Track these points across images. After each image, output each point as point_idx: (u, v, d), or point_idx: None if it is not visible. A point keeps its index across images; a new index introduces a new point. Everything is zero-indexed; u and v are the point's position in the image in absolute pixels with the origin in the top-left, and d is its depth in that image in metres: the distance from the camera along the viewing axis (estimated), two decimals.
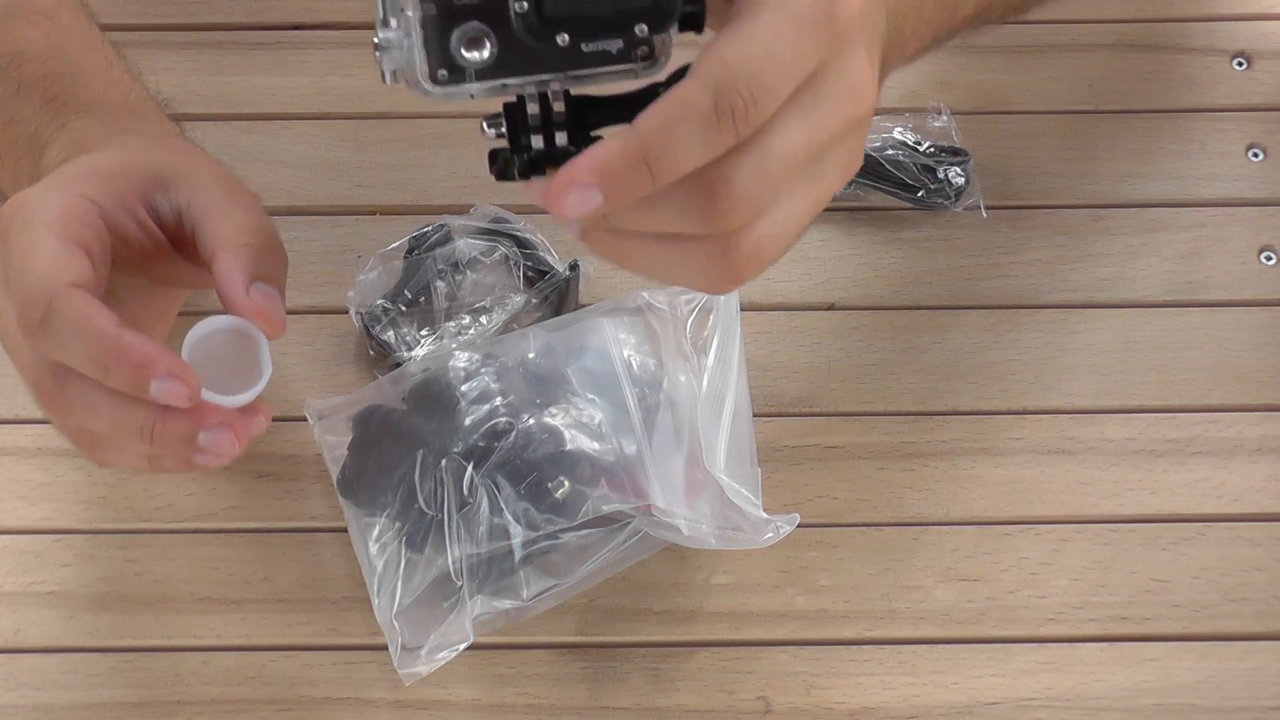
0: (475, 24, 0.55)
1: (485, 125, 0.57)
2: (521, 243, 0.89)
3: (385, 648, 0.79)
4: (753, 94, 0.54)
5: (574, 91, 0.57)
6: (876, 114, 0.94)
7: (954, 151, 0.92)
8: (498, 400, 0.81)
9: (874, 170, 0.91)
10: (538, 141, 0.57)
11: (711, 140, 0.54)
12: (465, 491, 0.79)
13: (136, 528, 0.84)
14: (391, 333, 0.87)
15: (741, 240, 0.57)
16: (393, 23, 0.56)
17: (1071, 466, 0.85)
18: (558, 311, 0.87)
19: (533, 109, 0.57)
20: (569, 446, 0.80)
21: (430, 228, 0.89)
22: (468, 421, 0.81)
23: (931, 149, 0.92)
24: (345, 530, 0.82)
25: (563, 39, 0.55)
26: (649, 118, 0.54)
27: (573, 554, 0.80)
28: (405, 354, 0.86)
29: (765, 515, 0.79)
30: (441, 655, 0.79)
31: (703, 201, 0.56)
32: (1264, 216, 0.93)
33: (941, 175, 0.91)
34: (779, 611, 0.82)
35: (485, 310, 0.87)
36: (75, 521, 0.84)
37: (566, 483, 0.79)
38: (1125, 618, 0.82)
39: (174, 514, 0.84)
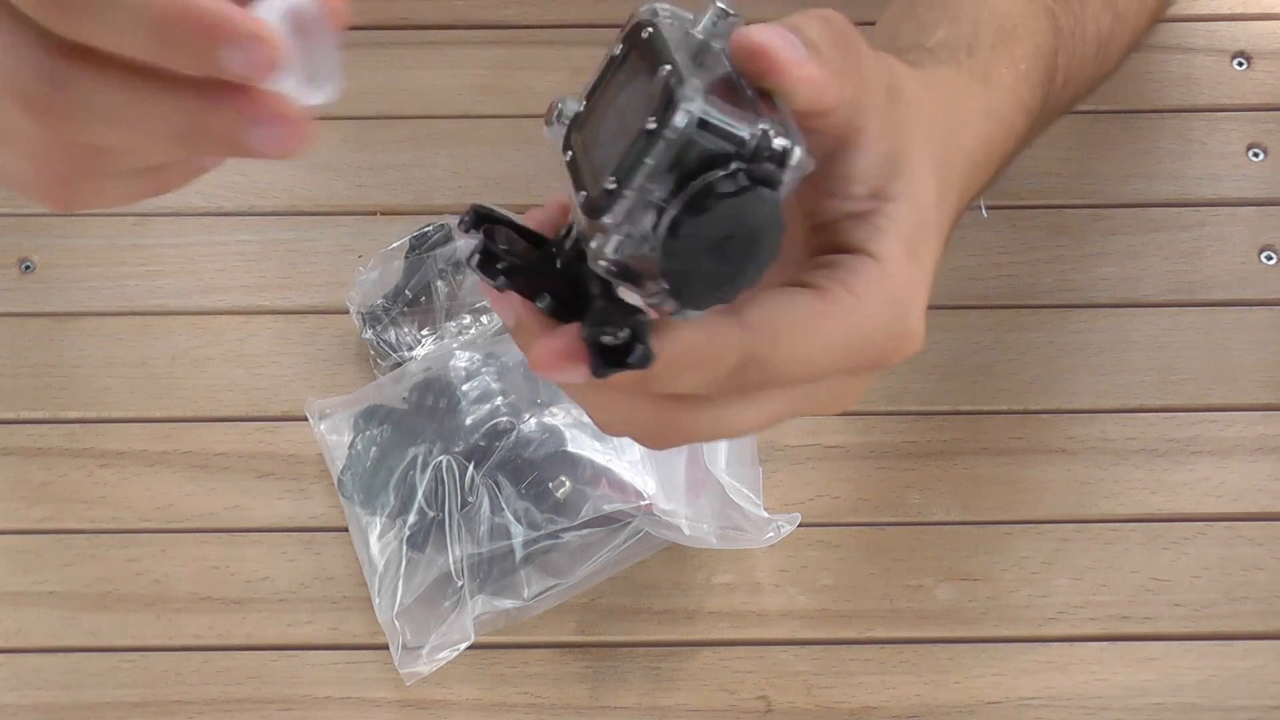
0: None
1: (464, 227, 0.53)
2: None
3: (386, 647, 0.79)
4: (772, 379, 0.51)
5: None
6: None
7: None
8: (498, 400, 0.81)
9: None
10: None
11: (707, 390, 0.51)
12: (466, 491, 0.79)
13: (136, 527, 0.84)
14: (392, 332, 0.87)
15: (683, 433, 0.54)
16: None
17: (1072, 466, 0.85)
18: None
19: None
20: (570, 446, 0.80)
21: (431, 227, 0.89)
22: (468, 421, 0.81)
23: None
24: (346, 530, 0.82)
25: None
26: (671, 346, 0.49)
27: (574, 553, 0.80)
28: (406, 354, 0.86)
29: (766, 515, 0.79)
30: (442, 655, 0.79)
31: (653, 430, 0.53)
32: (1264, 216, 0.93)
33: None
34: (780, 611, 0.82)
35: (486, 310, 0.87)
36: (75, 521, 0.84)
37: (567, 482, 0.80)
38: (1126, 617, 0.82)
39: (174, 514, 0.84)
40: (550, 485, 0.79)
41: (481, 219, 0.53)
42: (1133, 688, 0.80)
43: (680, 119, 0.47)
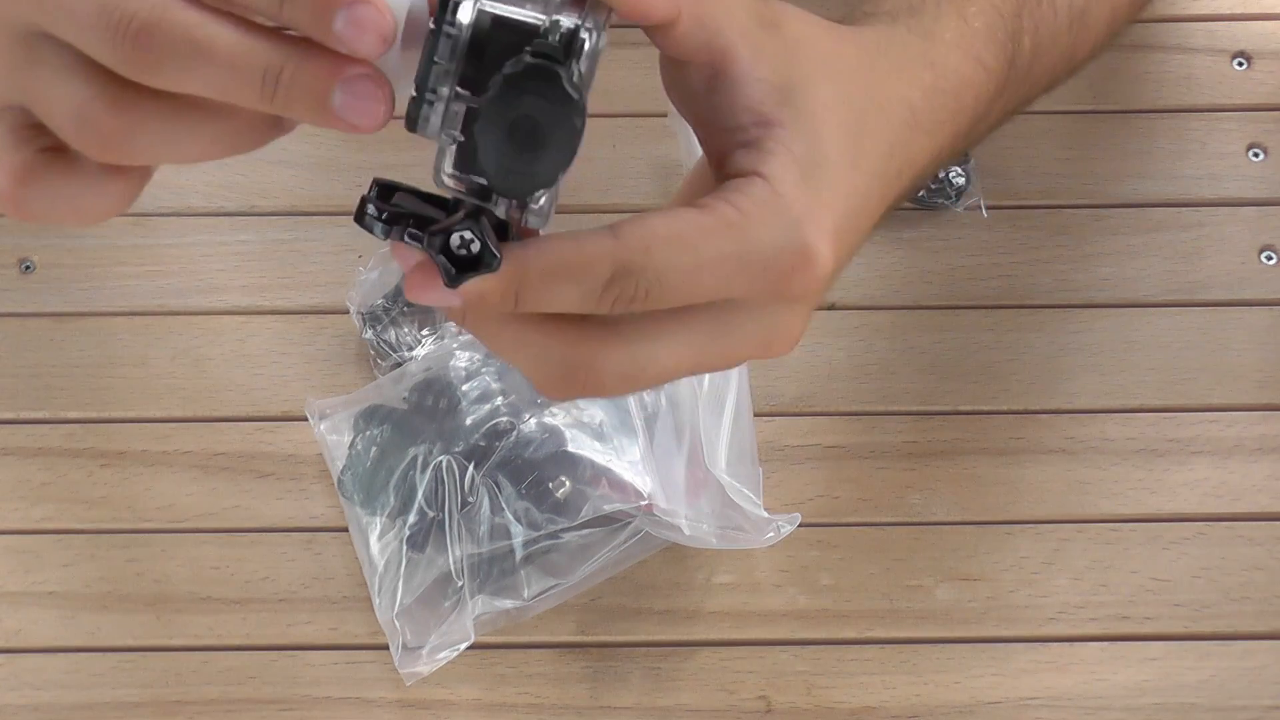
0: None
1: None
2: None
3: (386, 647, 0.79)
4: (652, 292, 0.50)
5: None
6: None
7: None
8: (499, 400, 0.81)
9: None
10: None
11: (588, 306, 0.50)
12: (466, 491, 0.79)
13: (137, 527, 0.84)
14: (392, 332, 0.87)
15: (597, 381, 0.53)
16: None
17: (1072, 466, 0.85)
18: None
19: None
20: (570, 446, 0.80)
21: None
22: (468, 421, 0.81)
23: None
24: (346, 530, 0.82)
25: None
26: (540, 256, 0.50)
27: (574, 553, 0.80)
28: (405, 354, 0.86)
29: (766, 515, 0.79)
30: (442, 655, 0.79)
31: (563, 368, 0.52)
32: (1264, 216, 0.93)
33: (942, 175, 0.91)
34: (780, 611, 0.82)
35: None
36: (76, 521, 0.84)
37: (567, 482, 0.80)
38: (1126, 617, 0.82)
39: (174, 514, 0.84)
40: (550, 485, 0.79)
41: (386, 189, 0.53)
42: (1133, 688, 0.80)
43: (463, 14, 0.48)
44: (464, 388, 0.82)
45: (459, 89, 0.48)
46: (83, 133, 0.48)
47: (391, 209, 0.51)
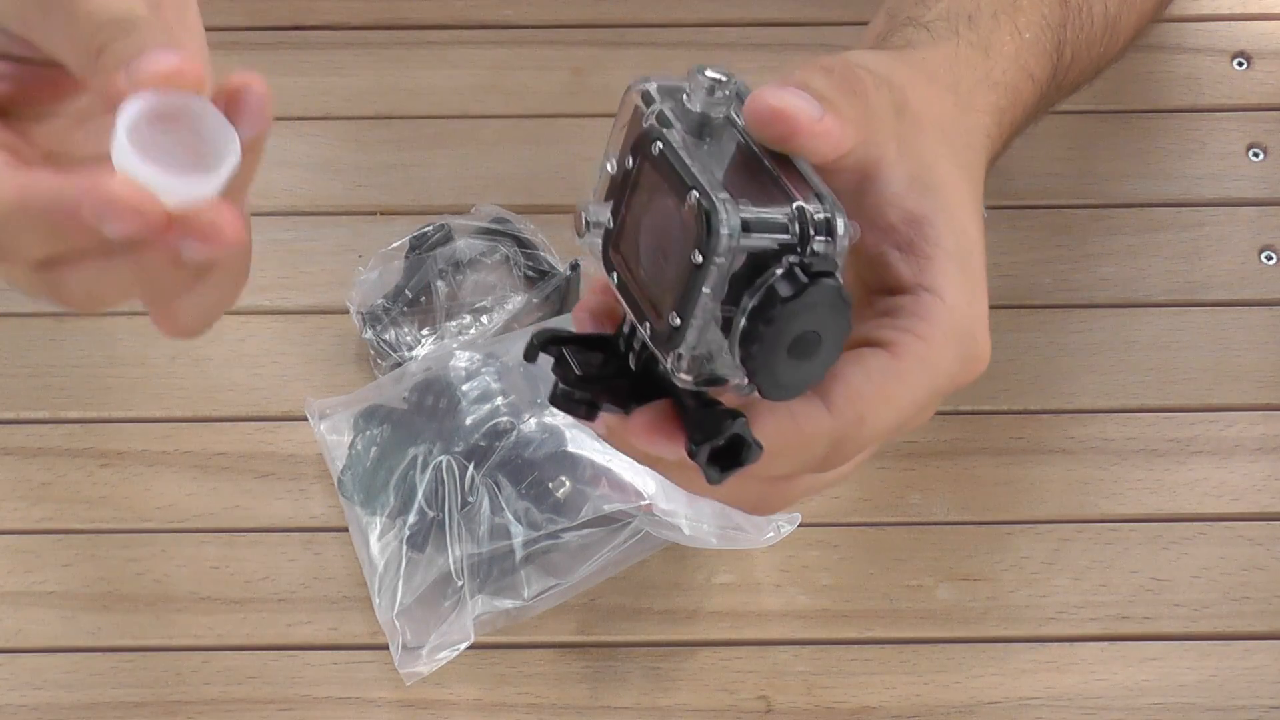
0: None
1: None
2: (522, 243, 0.89)
3: (386, 647, 0.79)
4: (864, 448, 0.54)
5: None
6: None
7: None
8: (498, 400, 0.81)
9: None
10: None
11: (803, 471, 0.54)
12: (466, 491, 0.79)
13: (137, 528, 0.84)
14: (392, 333, 0.87)
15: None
16: None
17: (1072, 466, 0.85)
18: (559, 311, 0.87)
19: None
20: (570, 446, 0.80)
21: (430, 227, 0.89)
22: (468, 421, 0.81)
23: None
24: (346, 530, 0.82)
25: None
26: (768, 442, 0.51)
27: (574, 553, 0.80)
28: (406, 354, 0.86)
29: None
30: (442, 655, 0.79)
31: (758, 501, 0.56)
32: (1264, 216, 0.93)
33: None
34: (780, 611, 0.82)
35: (486, 310, 0.87)
36: (76, 521, 0.84)
37: (567, 482, 0.80)
38: (1126, 617, 0.82)
39: (174, 514, 0.84)
40: (550, 485, 0.79)
41: (546, 343, 0.54)
42: (1133, 688, 0.80)
43: (723, 242, 0.48)
44: (464, 388, 0.82)
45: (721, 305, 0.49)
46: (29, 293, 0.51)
47: (583, 388, 0.53)
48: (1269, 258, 0.91)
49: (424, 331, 0.87)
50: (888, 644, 0.81)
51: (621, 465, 0.80)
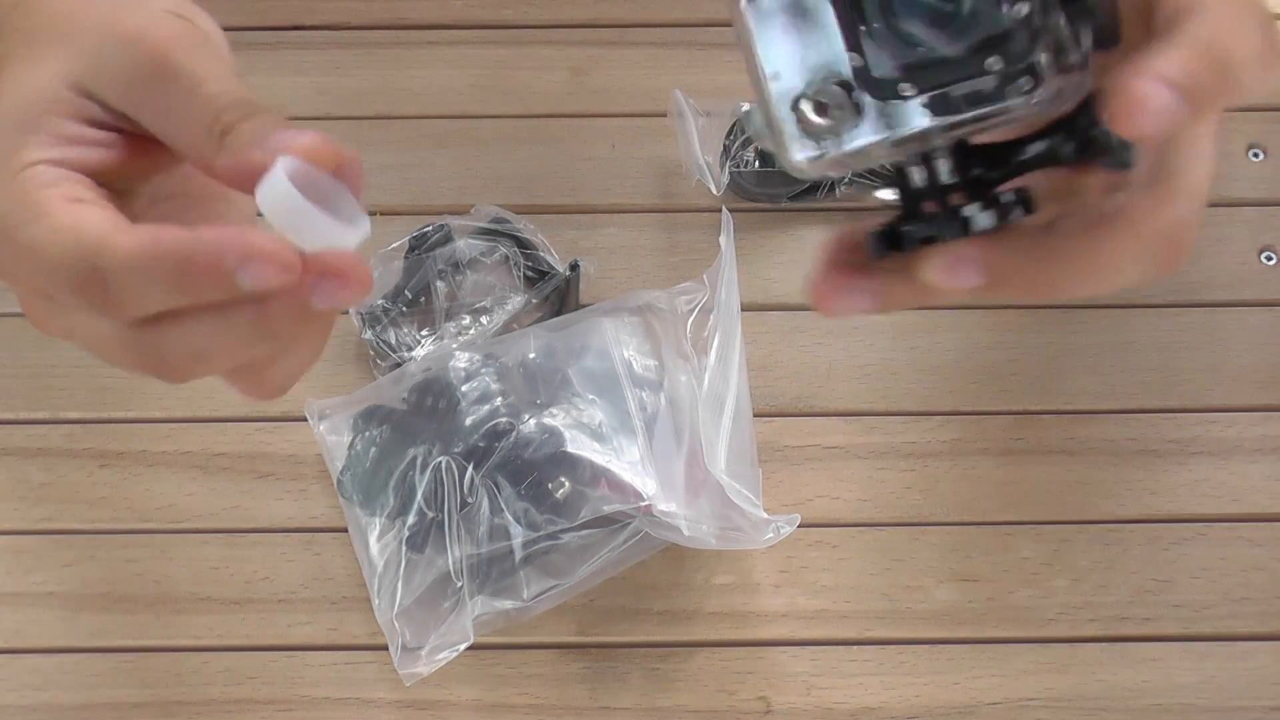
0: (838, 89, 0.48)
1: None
2: (522, 243, 0.89)
3: (385, 648, 0.79)
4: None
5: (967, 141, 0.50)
6: None
7: None
8: (498, 400, 0.81)
9: (874, 170, 0.91)
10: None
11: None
12: (465, 492, 0.79)
13: (137, 528, 0.84)
14: (392, 333, 0.87)
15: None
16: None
17: (1072, 466, 0.85)
18: (558, 311, 0.87)
19: (918, 175, 0.50)
20: (569, 447, 0.80)
21: (430, 228, 0.89)
22: (468, 422, 0.81)
23: None
24: (345, 530, 0.82)
25: (906, 90, 0.47)
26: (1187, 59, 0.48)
27: (573, 554, 0.80)
28: (405, 354, 0.86)
29: (766, 515, 0.79)
30: (442, 655, 0.79)
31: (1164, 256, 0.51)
32: (1264, 216, 0.93)
33: None
34: (779, 611, 0.82)
35: (485, 310, 0.88)
36: (76, 521, 0.84)
37: (567, 483, 0.80)
38: (1126, 618, 0.82)
39: (174, 514, 0.84)
40: (550, 486, 0.79)
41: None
42: (1132, 688, 0.80)
43: None
44: (463, 388, 0.82)
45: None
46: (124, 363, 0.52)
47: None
48: (1269, 258, 0.91)
49: (423, 332, 0.87)
50: (888, 644, 0.81)
51: (621, 466, 0.80)
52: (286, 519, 0.84)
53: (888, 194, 0.49)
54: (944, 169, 0.49)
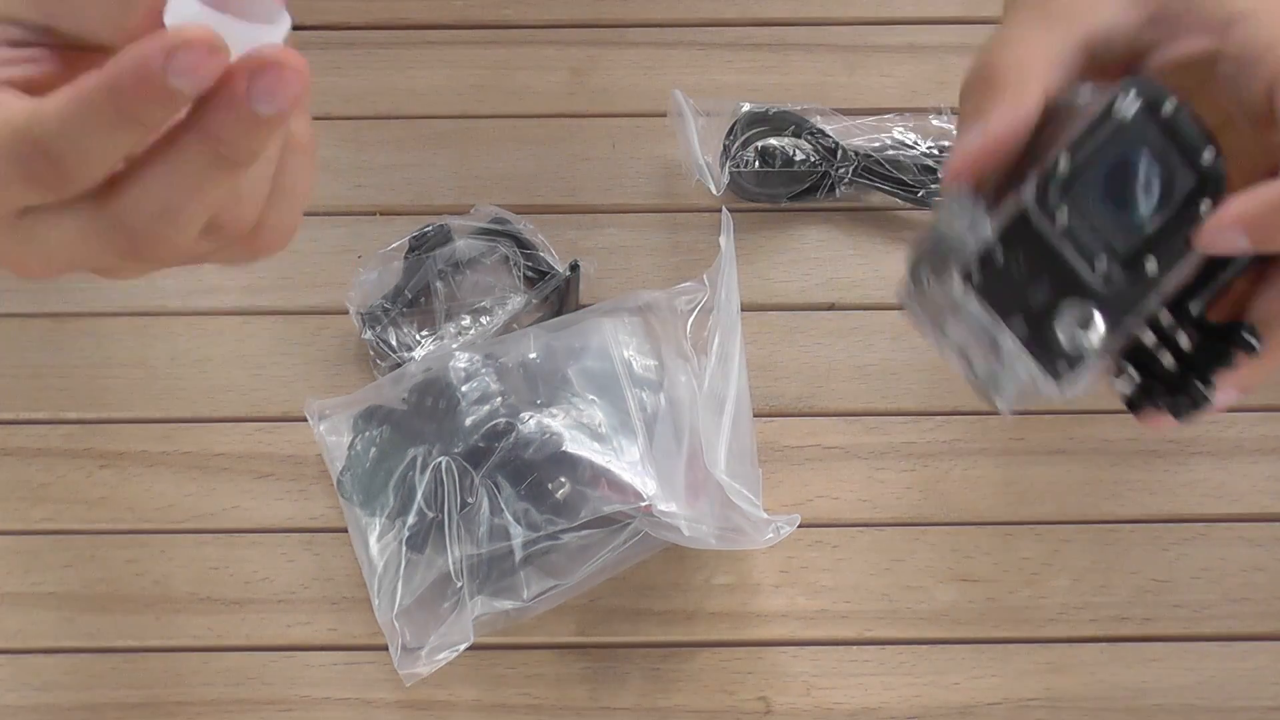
0: (1073, 306, 0.53)
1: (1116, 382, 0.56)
2: (521, 243, 0.89)
3: (386, 648, 0.79)
4: None
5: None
6: (877, 113, 0.94)
7: None
8: (498, 401, 0.81)
9: (874, 170, 0.91)
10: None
11: None
12: (465, 492, 0.79)
13: (137, 528, 0.84)
14: (392, 333, 0.87)
15: None
16: (979, 363, 0.55)
17: (1072, 466, 0.85)
18: (558, 311, 0.87)
19: (1148, 338, 0.55)
20: (569, 447, 0.80)
21: (430, 228, 0.89)
22: (468, 422, 0.81)
23: (931, 149, 0.92)
24: (345, 530, 0.82)
25: (1151, 265, 0.53)
26: None
27: (573, 554, 0.80)
28: (405, 354, 0.86)
29: (766, 515, 0.79)
30: (442, 656, 0.79)
31: None
32: None
33: (942, 175, 0.91)
34: (779, 612, 0.82)
35: (485, 310, 0.88)
36: (76, 522, 0.84)
37: (567, 483, 0.80)
38: (1126, 618, 0.82)
39: (174, 514, 0.84)
40: (550, 486, 0.79)
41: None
42: (1132, 688, 0.80)
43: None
44: (463, 388, 0.82)
45: None
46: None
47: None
48: None
49: (424, 332, 0.87)
50: (887, 644, 0.81)
51: (621, 466, 0.80)
52: (286, 519, 0.84)
53: (1123, 386, 0.54)
54: (1166, 320, 0.55)
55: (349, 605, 0.81)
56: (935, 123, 0.94)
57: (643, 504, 0.79)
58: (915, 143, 0.92)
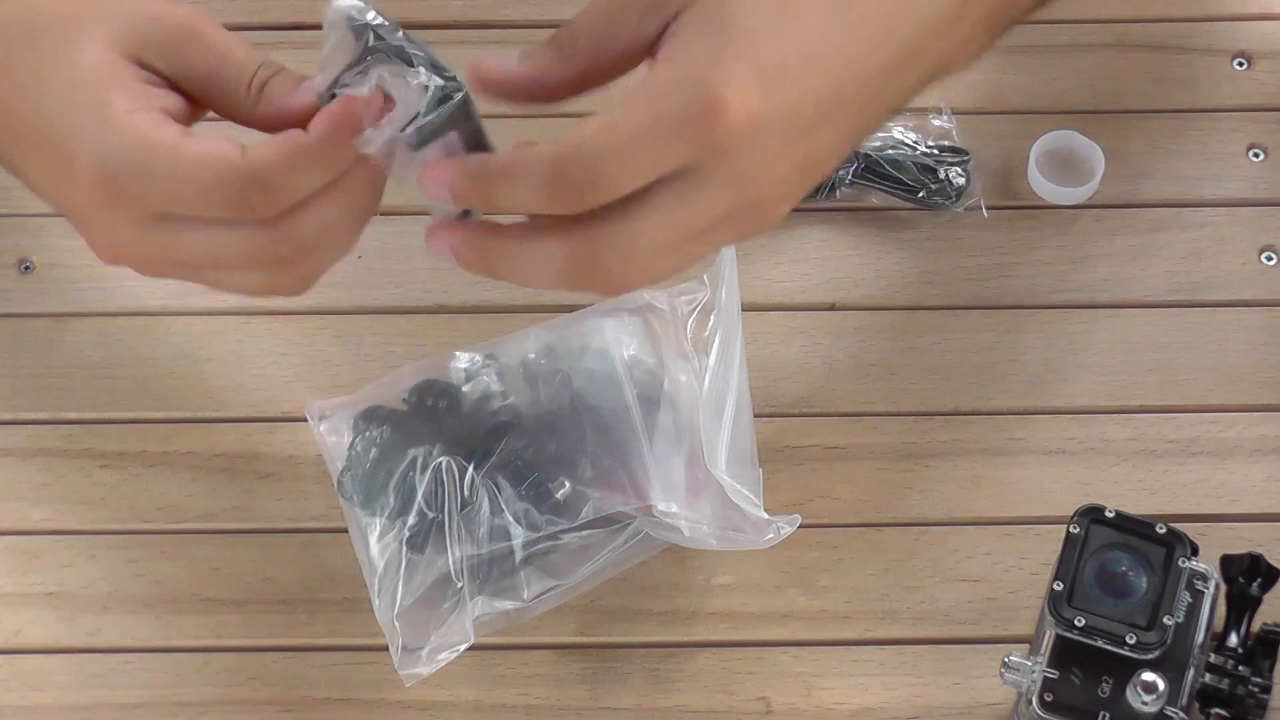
0: (1133, 680, 0.72)
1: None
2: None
3: (386, 648, 0.79)
4: (591, 183, 0.58)
5: None
6: None
7: (954, 151, 0.92)
8: (498, 400, 0.81)
9: (874, 170, 0.91)
10: None
11: (541, 200, 0.59)
12: (466, 492, 0.79)
13: (137, 528, 0.84)
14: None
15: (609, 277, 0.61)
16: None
17: (1072, 466, 0.85)
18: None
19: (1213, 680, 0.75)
20: (570, 447, 0.80)
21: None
22: (468, 422, 0.81)
23: (932, 149, 0.92)
24: (345, 531, 0.82)
25: (1169, 619, 0.72)
26: (494, 159, 0.61)
27: (573, 555, 0.80)
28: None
29: (766, 516, 0.79)
30: (442, 656, 0.79)
31: (569, 261, 0.60)
32: (1264, 217, 0.93)
33: (942, 175, 0.91)
34: (780, 612, 0.82)
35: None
36: (76, 522, 0.84)
37: (567, 483, 0.80)
38: None
39: (174, 514, 0.84)
40: (550, 486, 0.79)
41: None
42: None
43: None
44: (464, 389, 0.82)
45: None
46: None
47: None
48: (1269, 258, 0.91)
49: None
50: (888, 644, 0.81)
51: (621, 466, 0.80)
52: (286, 519, 0.84)
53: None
54: (1217, 660, 0.75)
55: (349, 606, 0.81)
56: (935, 123, 0.94)
57: (643, 504, 0.79)
58: (915, 143, 0.92)
